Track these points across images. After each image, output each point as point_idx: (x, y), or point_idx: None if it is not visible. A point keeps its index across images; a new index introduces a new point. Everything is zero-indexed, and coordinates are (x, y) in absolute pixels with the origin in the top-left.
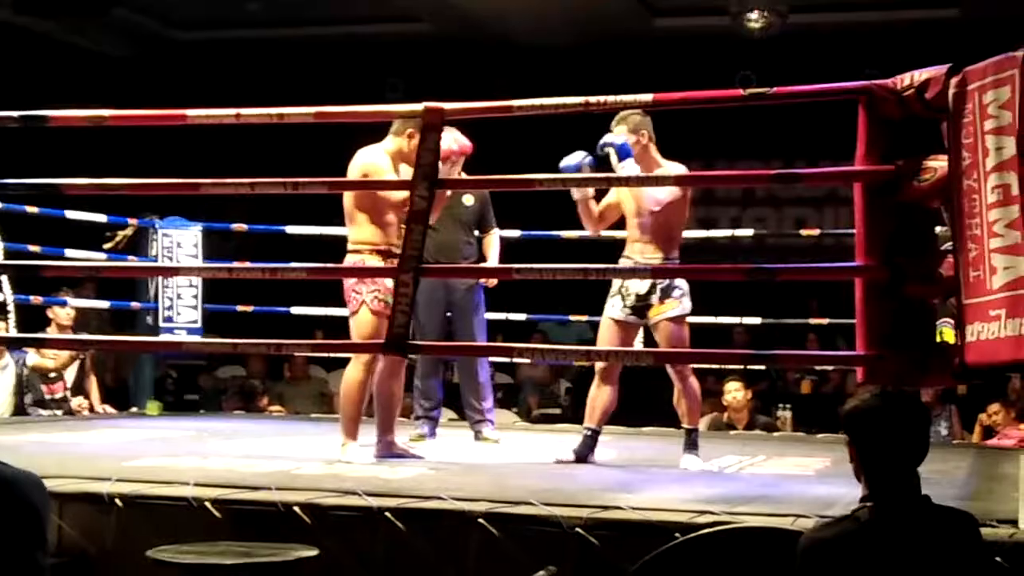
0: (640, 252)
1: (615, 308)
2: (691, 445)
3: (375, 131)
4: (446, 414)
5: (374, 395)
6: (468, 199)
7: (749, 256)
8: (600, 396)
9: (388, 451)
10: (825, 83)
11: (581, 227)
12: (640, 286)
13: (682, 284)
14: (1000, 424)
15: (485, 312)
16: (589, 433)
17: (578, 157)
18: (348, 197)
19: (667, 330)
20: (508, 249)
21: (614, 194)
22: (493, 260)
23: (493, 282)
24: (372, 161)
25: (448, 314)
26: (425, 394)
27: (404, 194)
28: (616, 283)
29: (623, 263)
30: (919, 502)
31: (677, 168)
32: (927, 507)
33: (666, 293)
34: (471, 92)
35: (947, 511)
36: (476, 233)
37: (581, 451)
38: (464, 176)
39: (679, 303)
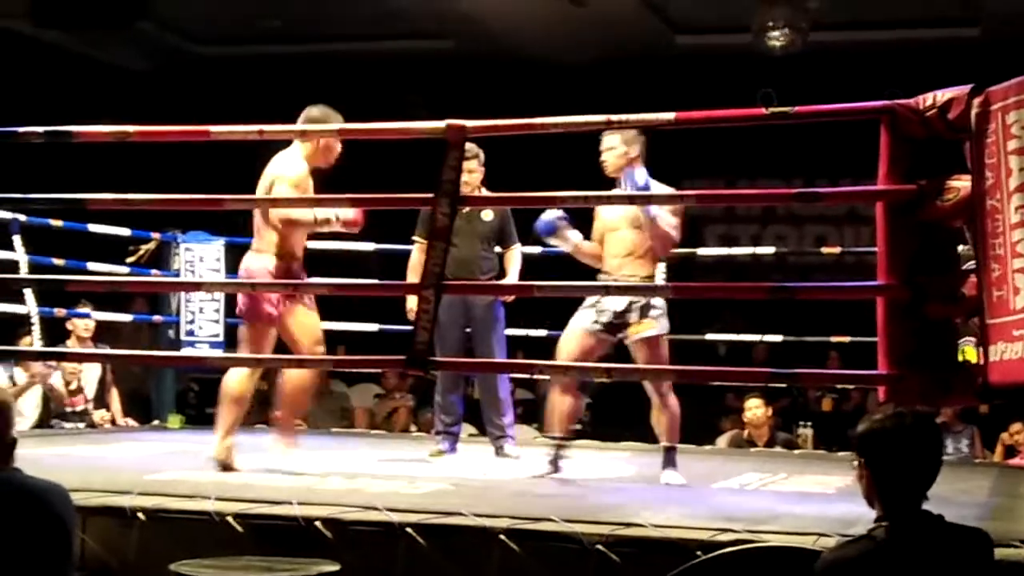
0: (618, 268)
1: (585, 319)
2: (670, 463)
3: (394, 148)
4: (466, 429)
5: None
6: (487, 215)
7: (770, 274)
8: (561, 405)
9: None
10: (845, 102)
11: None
12: (617, 303)
13: (660, 303)
14: (1022, 443)
15: (505, 328)
16: (557, 442)
17: (551, 215)
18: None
19: (646, 349)
20: (528, 265)
21: (599, 215)
22: (513, 276)
23: (511, 297)
24: (278, 173)
25: (467, 330)
26: (445, 410)
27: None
28: (591, 298)
29: (602, 279)
30: (933, 521)
31: (661, 187)
32: (942, 526)
33: (644, 312)
34: (492, 109)
35: (962, 529)
36: (497, 249)
37: (554, 461)
38: (485, 193)
39: (657, 323)
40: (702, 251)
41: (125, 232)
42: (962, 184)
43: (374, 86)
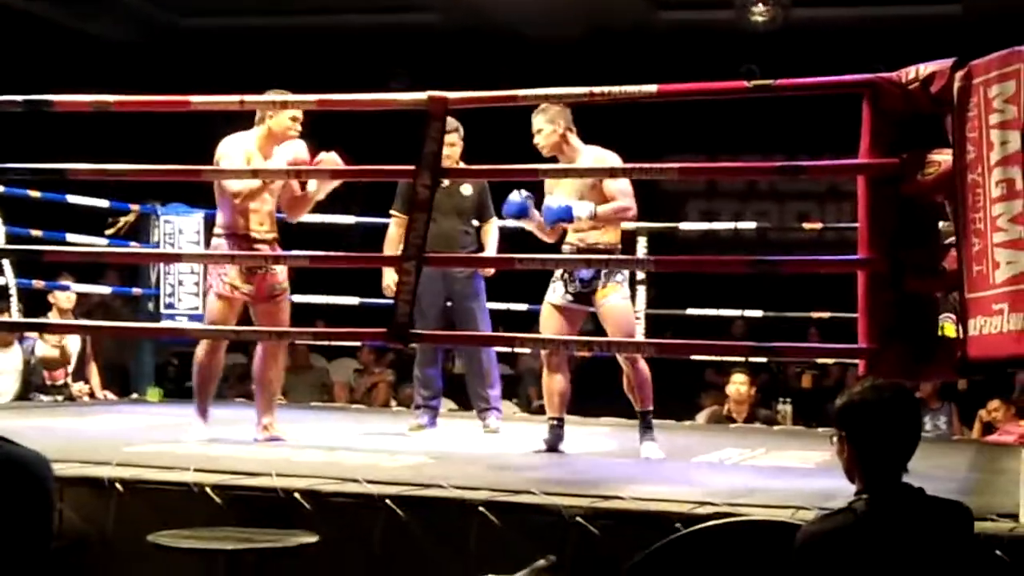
0: (582, 239)
1: (556, 294)
2: (647, 428)
3: (376, 119)
4: (446, 404)
5: (253, 378)
6: (466, 189)
7: (752, 249)
8: (553, 384)
9: (265, 434)
10: (828, 77)
11: None
12: (585, 272)
13: (623, 269)
14: (1000, 420)
15: (486, 301)
16: (555, 423)
17: (519, 197)
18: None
19: (615, 312)
20: (508, 239)
21: (550, 188)
22: (491, 250)
23: (490, 271)
24: (222, 150)
25: (448, 304)
26: (424, 383)
27: (241, 185)
28: (558, 271)
29: (565, 249)
30: (914, 494)
31: (599, 153)
32: (922, 499)
33: (609, 277)
34: (476, 83)
35: (942, 502)
36: (475, 223)
37: (552, 441)
38: (463, 166)
39: (621, 287)
40: (684, 226)
41: (104, 204)
42: (943, 158)
43: (359, 59)
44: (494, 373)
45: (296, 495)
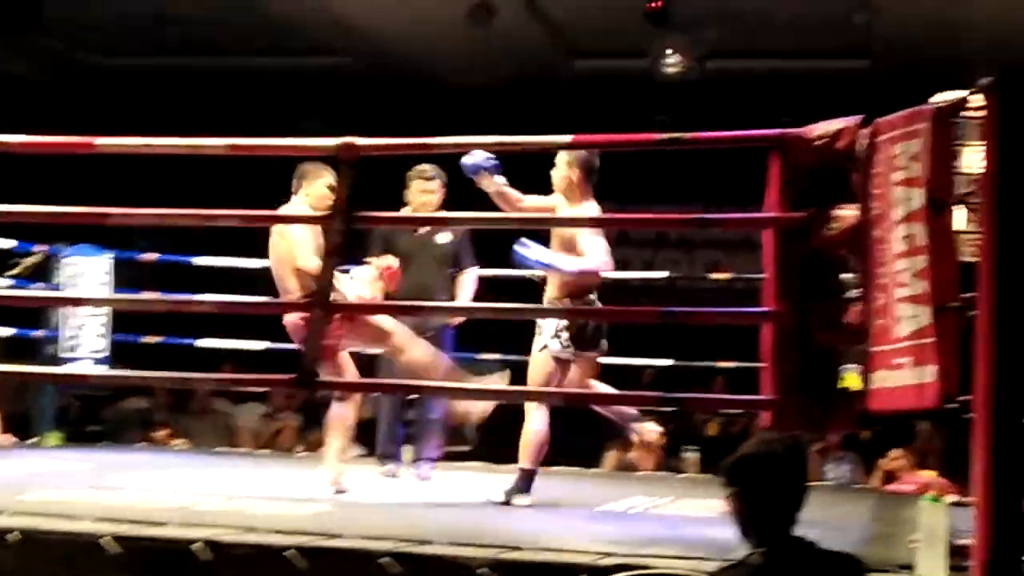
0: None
1: (555, 345)
2: (521, 485)
3: (286, 165)
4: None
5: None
6: (442, 237)
7: (662, 298)
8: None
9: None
10: (741, 128)
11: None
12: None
13: (549, 324)
14: (901, 470)
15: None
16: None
17: (479, 155)
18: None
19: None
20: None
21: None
22: (463, 300)
23: (457, 321)
24: (290, 229)
25: None
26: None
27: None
28: (554, 323)
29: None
30: (806, 547)
31: (594, 210)
32: (814, 552)
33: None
34: (390, 128)
35: (834, 555)
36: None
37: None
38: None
39: (540, 339)
40: None
41: (11, 244)
42: (849, 213)
43: (272, 102)
44: (440, 424)
45: (196, 545)
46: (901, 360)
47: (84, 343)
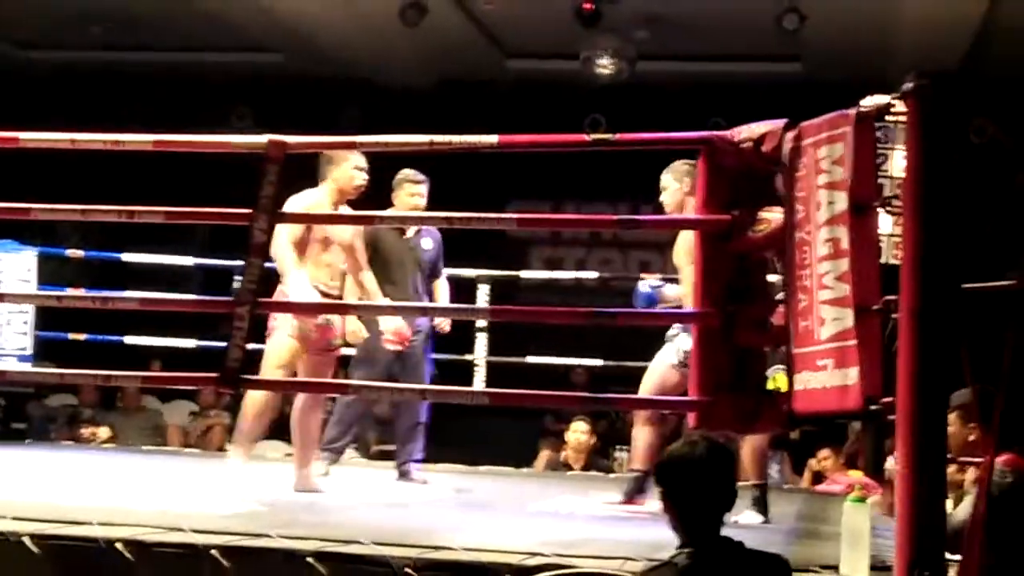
0: None
1: (670, 354)
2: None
3: (217, 161)
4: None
5: (292, 429)
6: (427, 243)
7: (594, 297)
8: (641, 436)
9: (304, 486)
10: (672, 129)
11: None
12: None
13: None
14: (829, 470)
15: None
16: (640, 475)
17: (649, 287)
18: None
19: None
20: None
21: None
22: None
23: (446, 327)
24: (309, 203)
25: (398, 358)
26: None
27: (347, 234)
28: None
29: None
30: (734, 547)
31: None
32: (741, 552)
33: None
34: (321, 126)
35: (760, 555)
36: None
37: (630, 492)
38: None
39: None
40: (525, 274)
41: None
42: (774, 216)
43: (203, 98)
44: (422, 427)
45: (118, 544)
46: (824, 362)
47: (7, 340)
